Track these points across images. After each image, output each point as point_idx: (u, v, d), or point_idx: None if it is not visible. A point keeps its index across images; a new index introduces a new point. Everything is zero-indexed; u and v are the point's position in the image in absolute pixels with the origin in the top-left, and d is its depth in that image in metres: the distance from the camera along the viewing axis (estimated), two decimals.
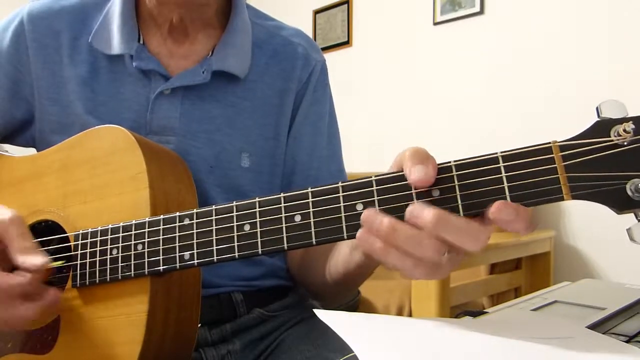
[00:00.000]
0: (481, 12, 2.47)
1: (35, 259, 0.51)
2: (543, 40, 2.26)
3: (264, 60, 0.75)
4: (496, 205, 0.39)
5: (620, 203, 0.38)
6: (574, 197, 0.39)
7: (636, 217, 0.39)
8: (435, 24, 2.64)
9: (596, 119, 0.40)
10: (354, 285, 0.68)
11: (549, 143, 0.40)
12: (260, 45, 0.76)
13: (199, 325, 0.59)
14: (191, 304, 0.57)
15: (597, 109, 0.39)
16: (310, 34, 3.24)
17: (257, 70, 0.74)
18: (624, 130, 0.37)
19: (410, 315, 1.74)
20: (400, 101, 2.79)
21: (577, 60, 2.15)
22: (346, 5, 3.09)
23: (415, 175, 0.41)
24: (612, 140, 0.38)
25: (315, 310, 0.43)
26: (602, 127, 0.39)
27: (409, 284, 1.66)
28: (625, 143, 0.38)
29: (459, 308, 1.65)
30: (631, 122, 0.37)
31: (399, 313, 1.83)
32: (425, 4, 2.67)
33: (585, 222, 2.14)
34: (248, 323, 0.70)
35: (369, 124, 2.86)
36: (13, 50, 0.71)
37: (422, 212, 0.40)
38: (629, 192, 0.38)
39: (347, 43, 3.08)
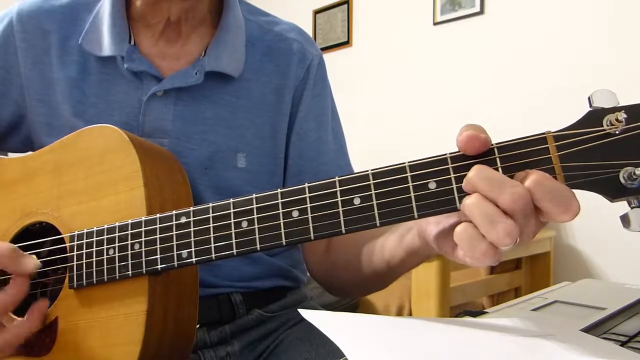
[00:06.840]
0: (481, 12, 2.47)
1: (29, 262, 0.53)
2: (543, 40, 2.26)
3: (258, 57, 0.73)
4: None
5: (614, 191, 0.39)
6: (569, 187, 0.39)
7: (629, 205, 0.39)
8: (435, 24, 2.65)
9: (588, 108, 0.40)
10: (395, 275, 0.64)
11: (544, 133, 0.40)
12: (254, 42, 0.74)
13: (198, 326, 0.58)
14: (189, 302, 0.57)
15: (589, 98, 0.40)
16: (310, 34, 3.22)
17: (252, 68, 0.72)
18: (616, 120, 0.38)
19: (410, 315, 1.74)
20: (401, 101, 2.79)
21: (576, 60, 2.15)
22: (346, 5, 3.09)
23: (464, 133, 0.39)
24: (604, 130, 0.39)
25: (300, 310, 0.43)
26: (595, 116, 0.39)
27: (409, 284, 1.66)
28: (617, 132, 0.38)
29: (459, 308, 1.65)
30: (623, 111, 0.38)
31: (399, 313, 1.82)
32: (425, 4, 2.67)
33: (585, 222, 2.14)
34: (247, 324, 0.70)
35: (369, 124, 2.86)
36: (1, 51, 0.70)
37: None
38: (622, 180, 0.38)
39: (347, 43, 3.08)
